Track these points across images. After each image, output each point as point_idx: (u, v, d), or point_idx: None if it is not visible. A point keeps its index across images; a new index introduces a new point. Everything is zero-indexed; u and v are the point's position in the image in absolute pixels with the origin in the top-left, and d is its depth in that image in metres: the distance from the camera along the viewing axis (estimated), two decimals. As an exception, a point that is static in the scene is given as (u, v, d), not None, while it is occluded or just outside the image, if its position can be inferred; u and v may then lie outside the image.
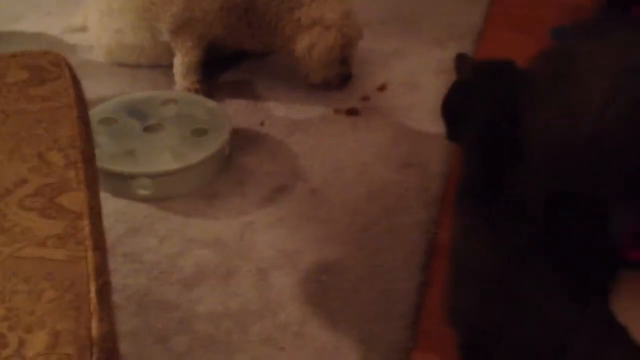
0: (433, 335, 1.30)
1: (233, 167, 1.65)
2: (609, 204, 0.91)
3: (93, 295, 0.61)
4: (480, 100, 0.99)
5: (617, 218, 0.96)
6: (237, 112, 1.80)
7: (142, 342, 1.28)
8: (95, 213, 0.70)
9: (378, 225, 1.50)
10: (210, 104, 1.72)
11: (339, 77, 1.82)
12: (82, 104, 0.84)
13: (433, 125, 1.73)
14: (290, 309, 1.34)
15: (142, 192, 1.55)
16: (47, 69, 0.86)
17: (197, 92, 1.82)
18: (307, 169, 1.64)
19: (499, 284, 0.98)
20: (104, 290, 0.63)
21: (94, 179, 0.75)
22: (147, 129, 1.66)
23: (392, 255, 1.44)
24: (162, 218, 1.53)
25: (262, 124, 1.77)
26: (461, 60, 1.20)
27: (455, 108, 1.08)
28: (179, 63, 1.85)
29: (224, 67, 1.97)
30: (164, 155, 1.59)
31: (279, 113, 1.80)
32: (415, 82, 1.86)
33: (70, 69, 0.89)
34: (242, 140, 1.72)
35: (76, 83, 0.86)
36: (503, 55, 1.26)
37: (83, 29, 2.04)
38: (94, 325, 0.59)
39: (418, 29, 2.06)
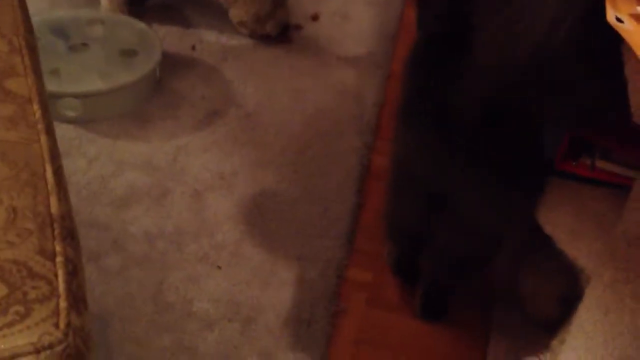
0: (367, 253, 1.34)
1: (164, 90, 1.62)
2: (544, 118, 0.95)
3: (49, 175, 0.59)
4: None
5: (551, 131, 1.01)
6: (166, 36, 1.75)
7: (74, 260, 1.25)
8: (43, 99, 0.67)
9: (312, 149, 1.51)
10: (139, 25, 1.67)
11: (276, 25, 1.75)
12: (21, -7, 0.79)
13: (366, 54, 1.74)
14: (226, 228, 1.34)
15: (69, 113, 1.50)
16: (-19, -44, 0.81)
17: (123, 13, 1.75)
18: (240, 94, 1.62)
19: (433, 188, 1.02)
20: (59, 172, 0.61)
21: (38, 67, 0.72)
22: (72, 48, 1.59)
23: (327, 178, 1.45)
24: (91, 140, 1.49)
25: (193, 48, 1.73)
26: None
27: None
28: (104, -17, 1.77)
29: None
30: (91, 76, 1.53)
31: (211, 38, 1.77)
32: (347, 12, 1.87)
33: (5, -42, 0.83)
34: (173, 65, 1.67)
35: (13, -28, 0.81)
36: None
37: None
38: (53, 203, 0.57)
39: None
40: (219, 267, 1.28)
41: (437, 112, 0.94)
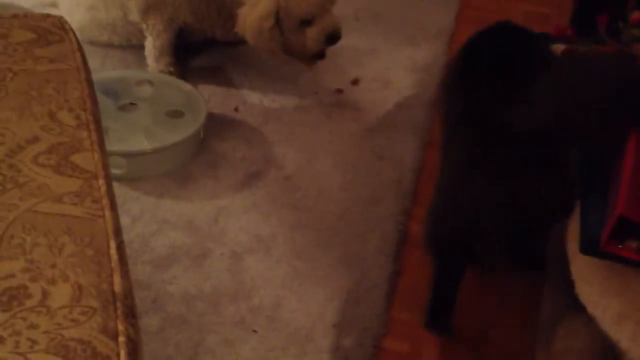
0: (404, 323, 1.33)
1: (207, 150, 1.65)
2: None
3: (113, 251, 0.61)
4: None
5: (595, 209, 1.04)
6: (210, 96, 1.80)
7: (114, 319, 1.26)
8: (107, 174, 0.70)
9: (351, 214, 1.52)
10: (186, 86, 1.71)
11: (314, 44, 1.69)
12: (87, 67, 0.83)
13: (406, 119, 1.77)
14: (263, 292, 1.35)
15: (115, 171, 1.53)
16: (52, 31, 0.85)
17: (170, 74, 1.81)
18: (281, 156, 1.65)
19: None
20: (122, 248, 0.63)
21: (103, 141, 0.75)
22: (121, 108, 1.64)
23: (364, 244, 1.46)
24: (135, 198, 1.52)
25: (236, 109, 1.77)
26: None
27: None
28: (151, 46, 1.83)
29: (196, 52, 1.96)
30: (137, 135, 1.58)
31: (253, 100, 1.81)
32: (388, 78, 1.90)
33: (73, 32, 0.88)
34: (216, 125, 1.71)
35: (80, 46, 0.85)
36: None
37: (53, 4, 2.00)
38: (116, 280, 0.59)
39: (391, 27, 2.10)
40: (255, 332, 1.28)
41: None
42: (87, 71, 0.82)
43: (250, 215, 1.50)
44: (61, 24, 0.87)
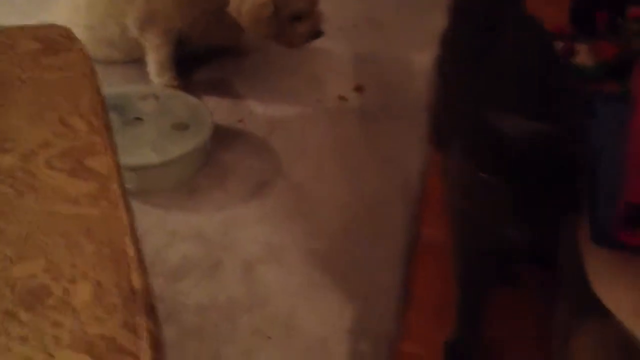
0: (419, 326, 1.32)
1: (214, 162, 1.65)
2: None
3: (131, 250, 0.61)
4: None
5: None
6: (215, 109, 1.80)
7: (129, 332, 1.25)
8: (120, 176, 0.70)
9: (360, 219, 1.52)
10: (191, 99, 1.72)
11: (300, 37, 1.78)
12: (95, 74, 0.83)
13: (410, 123, 1.77)
14: (277, 301, 1.35)
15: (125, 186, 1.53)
16: (58, 40, 0.86)
17: (174, 88, 1.82)
18: (288, 165, 1.65)
19: None
20: (138, 247, 0.63)
21: (114, 145, 0.75)
22: (127, 123, 1.64)
23: (375, 248, 1.46)
24: (144, 211, 1.52)
25: (241, 120, 1.77)
26: None
27: None
28: (152, 61, 1.84)
29: (199, 65, 1.97)
30: (145, 149, 1.58)
31: (258, 110, 1.81)
32: (390, 83, 1.91)
33: (80, 41, 0.88)
34: (222, 137, 1.72)
35: (87, 54, 0.86)
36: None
37: (54, 26, 2.01)
38: (134, 278, 0.59)
39: (389, 32, 2.11)
40: (271, 339, 1.28)
41: None
42: (96, 78, 0.83)
43: (261, 225, 1.50)
44: (67, 33, 0.88)
